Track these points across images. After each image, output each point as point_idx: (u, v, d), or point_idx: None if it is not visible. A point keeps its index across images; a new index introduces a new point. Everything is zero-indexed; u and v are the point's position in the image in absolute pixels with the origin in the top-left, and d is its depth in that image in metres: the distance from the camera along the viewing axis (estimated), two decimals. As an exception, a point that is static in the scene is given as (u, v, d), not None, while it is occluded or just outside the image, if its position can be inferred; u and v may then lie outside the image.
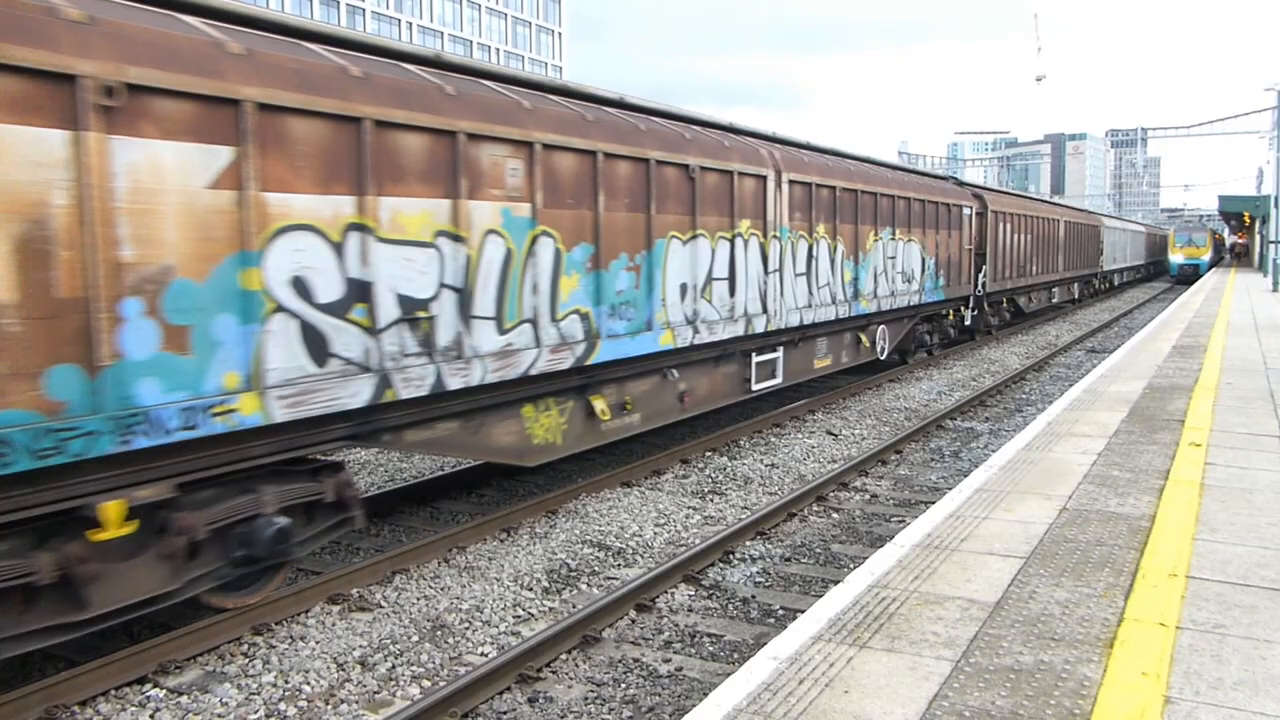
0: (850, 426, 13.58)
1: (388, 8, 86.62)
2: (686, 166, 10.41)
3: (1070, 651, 4.40)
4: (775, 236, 12.39)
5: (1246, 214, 56.42)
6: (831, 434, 13.05)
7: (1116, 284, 49.87)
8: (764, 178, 12.06)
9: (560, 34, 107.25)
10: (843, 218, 14.46)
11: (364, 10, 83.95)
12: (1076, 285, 37.03)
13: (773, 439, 12.62)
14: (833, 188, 14.02)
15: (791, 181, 12.79)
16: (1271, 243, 38.00)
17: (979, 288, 21.91)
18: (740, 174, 11.50)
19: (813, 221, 13.47)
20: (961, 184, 22.61)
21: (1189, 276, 54.18)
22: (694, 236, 10.62)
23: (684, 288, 10.49)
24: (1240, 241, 78.90)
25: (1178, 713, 3.84)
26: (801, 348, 13.72)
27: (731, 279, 11.41)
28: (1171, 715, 3.82)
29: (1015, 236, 24.85)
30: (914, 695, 3.99)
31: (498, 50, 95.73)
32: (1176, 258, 56.85)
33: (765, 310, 12.18)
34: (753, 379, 12.33)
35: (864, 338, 15.91)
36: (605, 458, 11.31)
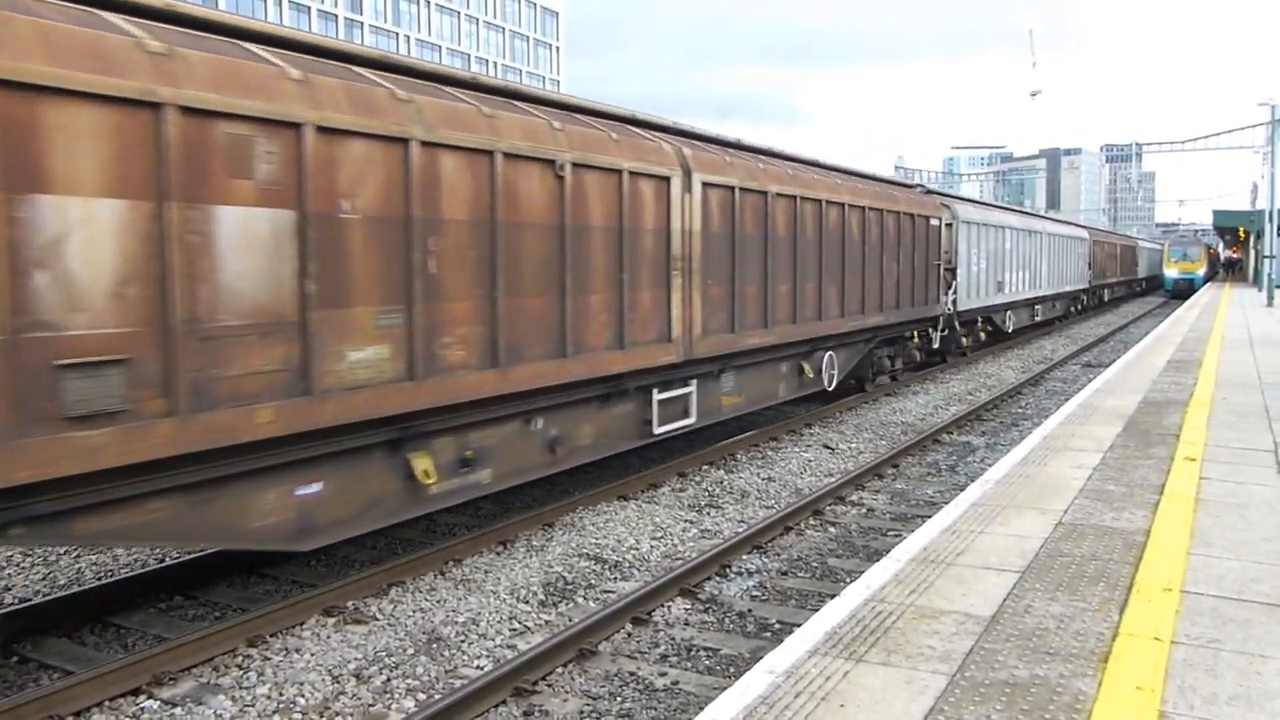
0: (847, 440, 13.59)
1: (385, 22, 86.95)
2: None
3: (1065, 666, 4.40)
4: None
5: (1241, 228, 56.75)
6: (828, 448, 13.06)
7: (1012, 329, 26.92)
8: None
9: (558, 48, 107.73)
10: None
11: (362, 24, 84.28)
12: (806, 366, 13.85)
13: (769, 452, 12.63)
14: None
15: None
16: (1266, 257, 38.16)
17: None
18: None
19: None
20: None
21: (1184, 291, 54.50)
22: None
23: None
24: (1234, 256, 79.29)
25: (1172, 727, 3.84)
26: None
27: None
28: (1166, 730, 3.82)
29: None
30: (910, 709, 3.99)
31: (495, 64, 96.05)
32: (1172, 272, 57.44)
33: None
34: None
35: None
36: (602, 471, 11.31)
